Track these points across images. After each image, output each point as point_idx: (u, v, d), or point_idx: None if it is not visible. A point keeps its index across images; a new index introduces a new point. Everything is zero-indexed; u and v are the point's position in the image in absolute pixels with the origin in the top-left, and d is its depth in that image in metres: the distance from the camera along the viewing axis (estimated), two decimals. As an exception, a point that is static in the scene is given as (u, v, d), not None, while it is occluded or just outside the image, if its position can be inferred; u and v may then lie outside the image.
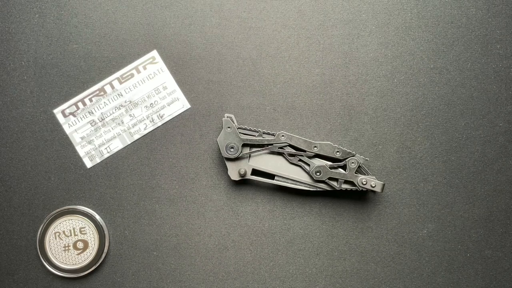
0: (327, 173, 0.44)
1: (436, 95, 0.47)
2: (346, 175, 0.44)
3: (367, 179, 0.44)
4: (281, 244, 0.47)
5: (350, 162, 0.44)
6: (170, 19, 0.47)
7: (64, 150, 0.47)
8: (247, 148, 0.45)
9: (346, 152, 0.44)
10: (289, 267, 0.47)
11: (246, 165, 0.45)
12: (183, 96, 0.47)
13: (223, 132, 0.44)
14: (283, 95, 0.47)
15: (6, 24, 0.47)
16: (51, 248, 0.46)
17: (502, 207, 0.47)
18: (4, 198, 0.47)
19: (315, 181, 0.44)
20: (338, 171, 0.44)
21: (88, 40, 0.47)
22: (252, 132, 0.45)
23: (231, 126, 0.44)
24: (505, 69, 0.47)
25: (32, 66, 0.47)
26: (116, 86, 0.47)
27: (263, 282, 0.47)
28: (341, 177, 0.44)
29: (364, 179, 0.44)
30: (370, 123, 0.47)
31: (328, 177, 0.44)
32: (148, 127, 0.47)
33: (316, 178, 0.44)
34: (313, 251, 0.47)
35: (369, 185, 0.44)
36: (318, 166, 0.44)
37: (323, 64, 0.47)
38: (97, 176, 0.47)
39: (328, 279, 0.47)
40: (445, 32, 0.47)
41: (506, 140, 0.47)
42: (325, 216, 0.47)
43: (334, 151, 0.44)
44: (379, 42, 0.47)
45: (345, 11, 0.47)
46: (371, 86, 0.47)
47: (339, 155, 0.44)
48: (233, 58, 0.47)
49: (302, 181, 0.45)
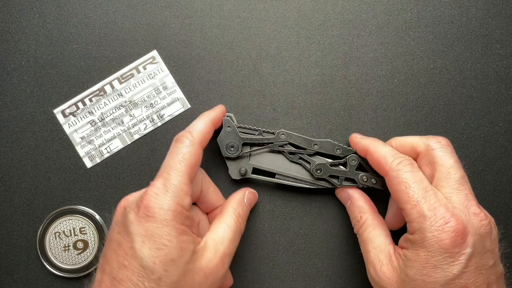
0: (328, 171, 0.44)
1: (436, 95, 0.47)
2: (347, 172, 0.44)
3: (367, 176, 0.44)
4: (281, 244, 0.47)
5: (351, 159, 0.44)
6: (170, 19, 0.47)
7: (64, 150, 0.47)
8: (247, 147, 0.45)
9: (346, 150, 0.44)
10: (289, 267, 0.47)
11: (247, 164, 0.45)
12: (183, 96, 0.47)
13: (223, 132, 0.44)
14: (283, 95, 0.47)
15: (6, 24, 0.47)
16: (51, 248, 0.46)
17: (502, 207, 0.47)
18: (4, 198, 0.47)
19: (315, 179, 0.44)
20: (338, 168, 0.44)
21: (88, 40, 0.47)
22: (252, 131, 0.45)
23: (231, 125, 0.44)
24: (505, 69, 0.47)
25: (32, 66, 0.47)
26: (116, 86, 0.47)
27: (263, 282, 0.47)
28: (341, 175, 0.44)
29: (365, 176, 0.44)
30: (370, 123, 0.47)
31: (329, 174, 0.44)
32: (148, 127, 0.47)
33: (317, 176, 0.44)
34: (313, 251, 0.47)
35: (370, 182, 0.44)
36: (318, 164, 0.44)
37: (323, 64, 0.47)
38: (97, 176, 0.47)
39: (328, 279, 0.47)
40: (445, 32, 0.47)
41: (506, 140, 0.47)
42: (325, 216, 0.47)
43: (334, 149, 0.44)
44: (379, 42, 0.47)
45: (345, 11, 0.47)
46: (371, 86, 0.47)
47: (339, 152, 0.44)
48: (233, 58, 0.47)
49: (302, 179, 0.45)
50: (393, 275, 0.37)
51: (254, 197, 0.45)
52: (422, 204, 0.36)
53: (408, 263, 0.36)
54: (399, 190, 0.37)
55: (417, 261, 0.35)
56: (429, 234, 0.35)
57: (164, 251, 0.34)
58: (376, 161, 0.40)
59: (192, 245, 0.35)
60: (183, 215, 0.35)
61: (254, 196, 0.45)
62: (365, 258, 0.40)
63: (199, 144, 0.39)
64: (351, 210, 0.43)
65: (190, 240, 0.35)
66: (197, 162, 0.38)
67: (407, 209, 0.37)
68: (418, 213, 0.36)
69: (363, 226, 0.41)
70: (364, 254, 0.40)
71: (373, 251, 0.39)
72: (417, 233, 0.36)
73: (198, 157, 0.38)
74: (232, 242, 0.38)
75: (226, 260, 0.38)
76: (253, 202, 0.45)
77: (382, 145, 0.41)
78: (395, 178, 0.38)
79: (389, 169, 0.39)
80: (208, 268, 0.36)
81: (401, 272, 0.36)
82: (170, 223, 0.34)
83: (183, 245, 0.35)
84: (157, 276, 0.34)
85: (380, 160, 0.40)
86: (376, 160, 0.40)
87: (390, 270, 0.37)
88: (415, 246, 0.36)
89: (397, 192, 0.38)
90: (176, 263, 0.34)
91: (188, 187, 0.36)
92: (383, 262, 0.38)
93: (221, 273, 0.37)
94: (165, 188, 0.36)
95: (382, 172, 0.40)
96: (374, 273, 0.38)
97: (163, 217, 0.34)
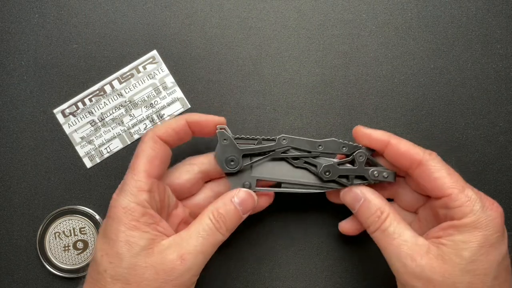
0: (337, 171, 0.41)
1: (436, 95, 0.47)
2: (356, 169, 0.41)
3: (378, 171, 0.41)
4: (281, 244, 0.47)
5: (358, 155, 0.41)
6: (170, 19, 0.47)
7: (64, 150, 0.47)
8: (248, 159, 0.41)
9: (352, 146, 0.41)
10: (289, 267, 0.47)
11: (249, 177, 0.41)
12: (183, 96, 0.47)
13: (219, 146, 0.41)
14: (283, 95, 0.47)
15: (6, 24, 0.47)
16: (51, 248, 0.46)
17: (502, 207, 0.47)
18: (4, 198, 0.47)
19: (324, 182, 0.42)
20: (347, 167, 0.42)
21: (88, 40, 0.47)
22: (250, 140, 0.41)
23: (227, 138, 0.41)
24: (505, 69, 0.47)
25: (32, 66, 0.47)
26: (116, 86, 0.47)
27: (263, 282, 0.47)
28: (351, 173, 0.41)
29: (375, 171, 0.41)
30: (370, 123, 0.47)
31: (338, 175, 0.41)
32: (148, 127, 0.47)
33: (326, 178, 0.41)
34: (313, 251, 0.47)
35: (381, 177, 0.41)
36: (326, 166, 0.41)
37: (323, 64, 0.47)
38: (97, 176, 0.47)
39: (328, 279, 0.47)
40: (445, 32, 0.47)
41: (506, 140, 0.47)
42: (325, 216, 0.47)
43: (341, 147, 0.42)
44: (379, 42, 0.47)
45: (345, 11, 0.47)
46: (371, 86, 0.47)
47: (345, 150, 0.42)
48: (233, 58, 0.47)
49: (310, 184, 0.42)
50: (438, 263, 0.36)
51: (250, 198, 0.41)
52: (468, 188, 0.37)
53: (462, 246, 0.36)
54: (441, 177, 0.38)
55: (473, 242, 0.36)
56: (483, 215, 0.36)
57: (110, 245, 0.36)
58: (402, 153, 0.39)
59: (144, 241, 0.36)
60: (137, 211, 0.36)
61: (249, 197, 0.40)
62: (395, 254, 0.38)
63: (160, 137, 0.39)
64: (365, 208, 0.40)
65: (142, 236, 0.36)
66: (157, 156, 0.38)
67: (454, 193, 0.37)
68: (467, 197, 0.37)
69: (386, 221, 0.39)
70: (391, 250, 0.38)
71: (405, 244, 0.37)
72: (469, 216, 0.36)
73: (158, 151, 0.38)
74: (200, 242, 0.37)
75: (188, 259, 0.36)
76: (249, 204, 0.41)
77: (398, 137, 0.41)
78: (434, 166, 0.38)
79: (424, 159, 0.39)
80: (160, 264, 0.35)
81: (451, 258, 0.36)
82: (119, 220, 0.36)
83: (131, 240, 0.36)
84: (102, 268, 0.36)
85: (410, 150, 0.39)
86: (403, 151, 0.39)
87: (433, 259, 0.36)
88: (468, 229, 0.36)
89: (438, 180, 0.38)
90: (121, 256, 0.35)
91: (144, 183, 0.37)
92: (421, 253, 0.37)
93: (178, 272, 0.36)
94: (121, 187, 0.38)
95: (410, 163, 0.39)
96: (413, 265, 0.37)
97: (115, 214, 0.36)
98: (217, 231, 0.38)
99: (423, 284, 0.36)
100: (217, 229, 0.38)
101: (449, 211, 0.37)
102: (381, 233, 0.39)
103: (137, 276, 0.35)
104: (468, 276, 0.35)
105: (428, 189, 0.39)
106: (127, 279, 0.35)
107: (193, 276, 0.37)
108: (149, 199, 0.37)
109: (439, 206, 0.39)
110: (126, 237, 0.36)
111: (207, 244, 0.37)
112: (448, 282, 0.36)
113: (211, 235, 0.37)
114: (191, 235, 0.37)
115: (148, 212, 0.37)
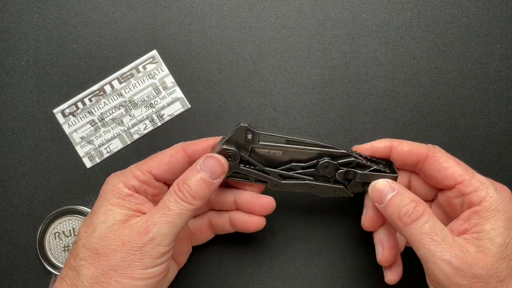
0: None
1: (436, 95, 0.47)
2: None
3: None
4: (281, 244, 0.47)
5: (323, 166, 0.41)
6: (170, 19, 0.47)
7: (64, 150, 0.47)
8: None
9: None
10: (289, 267, 0.47)
11: None
12: (183, 96, 0.47)
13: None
14: (283, 95, 0.47)
15: (6, 24, 0.47)
16: (50, 248, 0.46)
17: (502, 207, 0.47)
18: (4, 198, 0.47)
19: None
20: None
21: (88, 40, 0.47)
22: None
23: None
24: (505, 69, 0.47)
25: (32, 66, 0.47)
26: (116, 86, 0.47)
27: (263, 282, 0.47)
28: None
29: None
30: (370, 123, 0.47)
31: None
32: (148, 127, 0.47)
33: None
34: (313, 251, 0.47)
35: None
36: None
37: (323, 64, 0.47)
38: (97, 176, 0.47)
39: (328, 279, 0.47)
40: (445, 32, 0.47)
41: (506, 140, 0.47)
42: (325, 216, 0.47)
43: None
44: (379, 42, 0.47)
45: (345, 11, 0.47)
46: (371, 86, 0.47)
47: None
48: (233, 58, 0.47)
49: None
50: (480, 257, 0.36)
51: (216, 162, 0.39)
52: (478, 174, 0.38)
53: (494, 234, 0.36)
54: (451, 166, 0.39)
55: (501, 226, 0.36)
56: (499, 197, 0.37)
57: (90, 215, 0.38)
58: (407, 152, 0.41)
59: (121, 215, 0.38)
60: (123, 192, 0.38)
61: (214, 162, 0.39)
62: (438, 252, 0.36)
63: (185, 150, 0.41)
64: (398, 200, 0.39)
65: (120, 211, 0.38)
66: (170, 163, 0.40)
67: (466, 180, 0.38)
68: (480, 181, 0.38)
69: (422, 217, 0.37)
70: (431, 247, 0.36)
71: (447, 241, 0.36)
72: (486, 199, 0.37)
73: (173, 159, 0.40)
74: (164, 213, 0.37)
75: (150, 229, 0.36)
76: (217, 168, 0.39)
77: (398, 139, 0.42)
78: (441, 157, 0.39)
79: (430, 152, 0.40)
80: (127, 236, 0.36)
81: (489, 248, 0.36)
82: (106, 195, 0.39)
83: (108, 213, 0.38)
84: (78, 237, 0.38)
85: (414, 147, 0.41)
86: (407, 150, 0.41)
87: (473, 253, 0.36)
88: (490, 213, 0.36)
89: (448, 169, 0.39)
90: (95, 226, 0.37)
91: (141, 174, 0.39)
92: (463, 248, 0.36)
93: (141, 242, 0.36)
94: (121, 171, 0.40)
95: (417, 159, 0.40)
96: (459, 262, 0.35)
97: (103, 191, 0.39)
98: (182, 201, 0.38)
99: (468, 282, 0.35)
100: (181, 199, 0.38)
101: (466, 198, 0.38)
102: (418, 229, 0.37)
103: (105, 247, 0.36)
104: (506, 261, 0.36)
105: (439, 180, 0.39)
106: (96, 248, 0.36)
107: (157, 245, 0.36)
108: (139, 188, 0.39)
109: (454, 196, 0.39)
110: (106, 210, 0.38)
111: (173, 215, 0.37)
112: (491, 274, 0.35)
113: (176, 206, 0.37)
114: (158, 208, 0.38)
115: (133, 194, 0.39)
